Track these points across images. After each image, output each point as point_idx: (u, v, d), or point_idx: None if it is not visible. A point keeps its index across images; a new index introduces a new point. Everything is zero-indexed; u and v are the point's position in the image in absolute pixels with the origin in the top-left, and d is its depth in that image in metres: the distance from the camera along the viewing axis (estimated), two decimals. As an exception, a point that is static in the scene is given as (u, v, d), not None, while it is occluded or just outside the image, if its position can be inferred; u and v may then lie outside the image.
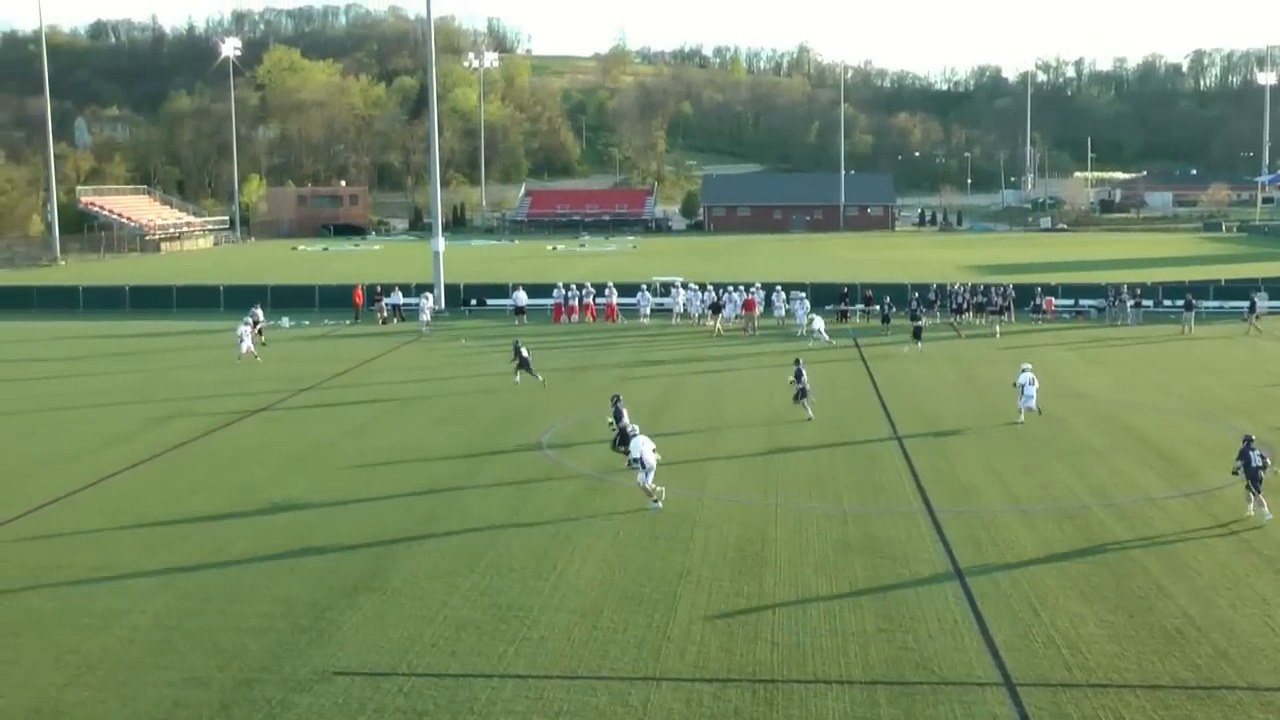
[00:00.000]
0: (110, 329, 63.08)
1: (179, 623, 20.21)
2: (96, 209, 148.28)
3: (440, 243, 73.37)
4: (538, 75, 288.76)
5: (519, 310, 64.44)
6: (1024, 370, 36.76)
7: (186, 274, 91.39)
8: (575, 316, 64.48)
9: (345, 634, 19.64)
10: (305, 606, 20.85)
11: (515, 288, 67.00)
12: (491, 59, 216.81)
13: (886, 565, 22.81)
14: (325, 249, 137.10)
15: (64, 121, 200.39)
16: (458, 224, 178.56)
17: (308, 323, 65.06)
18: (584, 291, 65.67)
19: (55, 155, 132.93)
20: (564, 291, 65.87)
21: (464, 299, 71.26)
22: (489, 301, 70.63)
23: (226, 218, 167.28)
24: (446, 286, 71.54)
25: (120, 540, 24.91)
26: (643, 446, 26.60)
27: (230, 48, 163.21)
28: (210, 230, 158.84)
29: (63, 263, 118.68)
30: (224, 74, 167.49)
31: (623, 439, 28.64)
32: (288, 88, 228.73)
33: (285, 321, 64.61)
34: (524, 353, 43.68)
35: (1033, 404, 36.00)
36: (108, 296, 75.36)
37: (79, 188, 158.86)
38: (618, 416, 30.59)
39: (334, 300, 70.60)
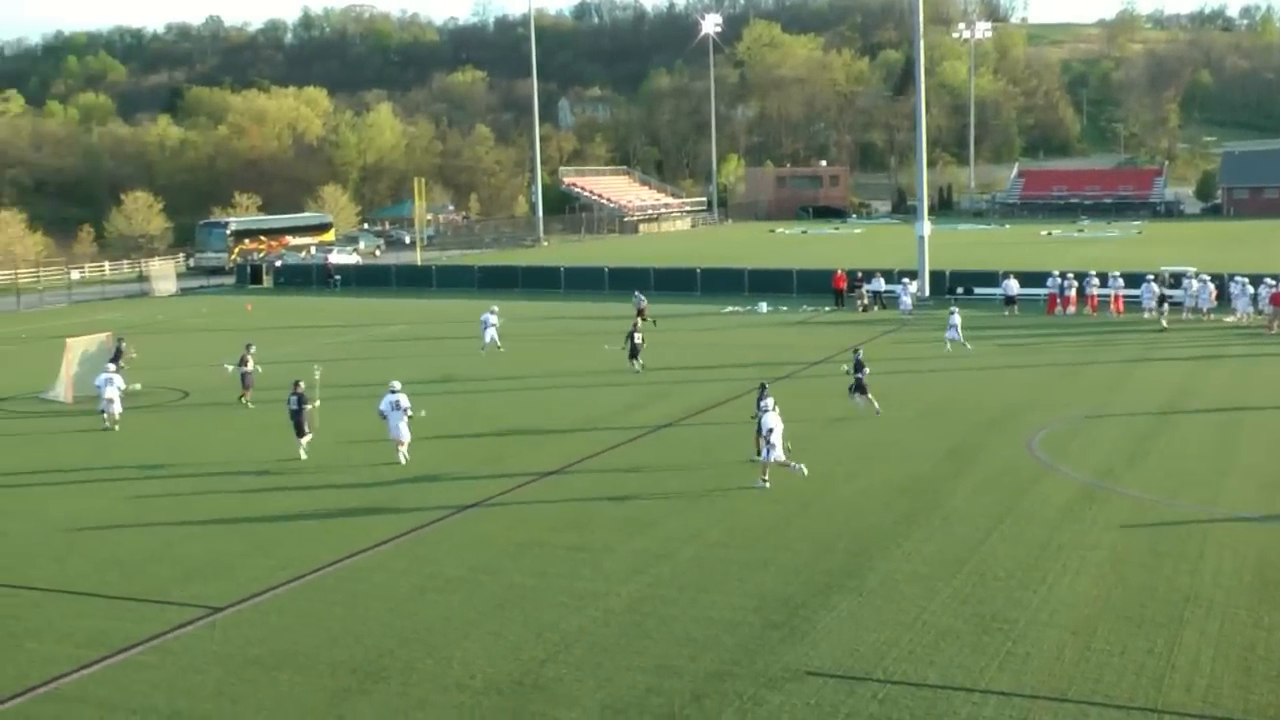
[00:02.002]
0: (588, 310, 66.85)
1: (652, 609, 21.23)
2: (578, 190, 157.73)
3: (925, 226, 73.00)
4: (1034, 45, 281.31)
5: (1009, 300, 63.16)
6: None
7: (663, 256, 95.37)
8: (1072, 308, 62.47)
9: (819, 633, 20.00)
10: (778, 602, 21.39)
11: (1005, 276, 65.62)
12: (984, 29, 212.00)
13: None
14: (804, 231, 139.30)
15: (549, 103, 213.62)
16: (944, 206, 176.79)
17: (785, 308, 66.43)
18: (1085, 281, 63.48)
19: (540, 136, 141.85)
20: (1060, 281, 63.96)
21: (949, 286, 70.55)
22: (976, 290, 69.56)
23: (704, 199, 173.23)
24: (931, 273, 71.19)
25: (597, 521, 26.44)
26: (771, 422, 28.62)
27: (710, 24, 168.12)
28: (688, 211, 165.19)
29: (545, 243, 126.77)
30: (703, 51, 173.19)
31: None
32: (767, 64, 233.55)
33: (763, 306, 66.37)
34: (636, 339, 45.87)
35: None
36: (587, 277, 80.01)
37: (561, 168, 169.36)
38: (759, 402, 30.42)
39: (812, 285, 71.50)
